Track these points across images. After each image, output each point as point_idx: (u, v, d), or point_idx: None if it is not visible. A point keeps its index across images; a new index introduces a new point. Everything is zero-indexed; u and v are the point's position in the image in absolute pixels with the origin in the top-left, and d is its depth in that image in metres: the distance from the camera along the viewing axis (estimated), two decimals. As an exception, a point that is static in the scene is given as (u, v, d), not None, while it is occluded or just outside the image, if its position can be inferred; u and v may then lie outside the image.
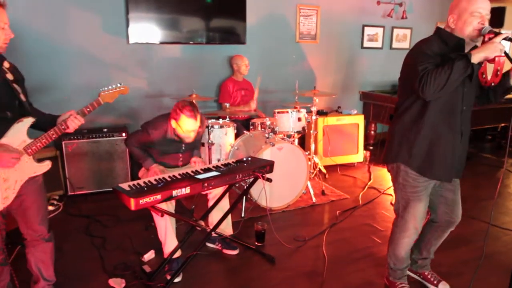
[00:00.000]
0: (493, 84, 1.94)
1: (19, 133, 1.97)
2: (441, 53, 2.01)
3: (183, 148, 2.99)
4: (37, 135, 2.03)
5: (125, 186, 2.26)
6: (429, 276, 2.55)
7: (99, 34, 4.20)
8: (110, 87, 2.20)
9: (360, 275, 2.70)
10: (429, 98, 1.97)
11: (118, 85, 2.23)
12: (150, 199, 2.16)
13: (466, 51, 2.02)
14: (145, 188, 2.23)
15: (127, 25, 4.26)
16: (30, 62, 3.89)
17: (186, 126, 2.70)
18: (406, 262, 2.43)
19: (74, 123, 2.05)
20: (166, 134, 2.83)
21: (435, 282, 2.51)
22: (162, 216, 2.28)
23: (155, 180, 2.36)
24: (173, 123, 2.75)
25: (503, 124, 6.30)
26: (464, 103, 2.08)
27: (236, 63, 4.62)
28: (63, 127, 2.03)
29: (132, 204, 2.10)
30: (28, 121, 1.99)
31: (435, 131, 2.09)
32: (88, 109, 2.13)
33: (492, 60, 1.87)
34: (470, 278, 2.60)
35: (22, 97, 2.02)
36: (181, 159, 3.05)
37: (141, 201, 2.12)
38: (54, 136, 2.01)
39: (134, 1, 4.21)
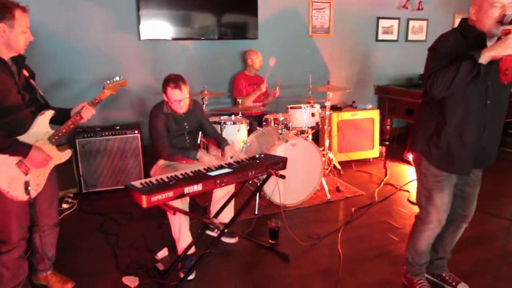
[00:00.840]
0: (506, 82, 1.84)
1: (42, 124, 2.18)
2: (458, 48, 1.92)
3: (186, 127, 3.02)
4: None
5: (137, 183, 2.24)
6: (447, 278, 2.46)
7: (111, 31, 4.20)
8: (112, 80, 2.44)
9: (376, 273, 2.63)
10: (436, 96, 1.95)
11: (118, 78, 2.46)
12: (162, 196, 2.14)
13: (488, 44, 1.93)
14: (157, 186, 2.21)
15: (138, 22, 4.24)
16: (45, 60, 3.92)
17: (173, 96, 2.84)
18: (425, 258, 2.36)
19: (87, 113, 2.25)
20: (163, 111, 2.94)
21: (454, 284, 2.43)
22: (174, 214, 2.26)
23: (167, 177, 2.34)
24: (164, 97, 2.91)
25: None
26: (489, 97, 1.98)
27: (251, 57, 4.57)
28: (78, 117, 2.23)
29: (144, 201, 2.08)
30: (50, 113, 2.21)
31: (455, 126, 2.02)
32: (96, 101, 2.32)
33: (504, 59, 1.77)
34: (491, 278, 2.52)
35: (40, 92, 2.24)
36: (188, 141, 3.05)
37: (152, 198, 2.10)
38: (72, 126, 2.23)
39: (145, -2, 4.20)
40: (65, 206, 3.64)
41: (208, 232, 3.04)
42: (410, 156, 2.30)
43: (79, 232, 3.21)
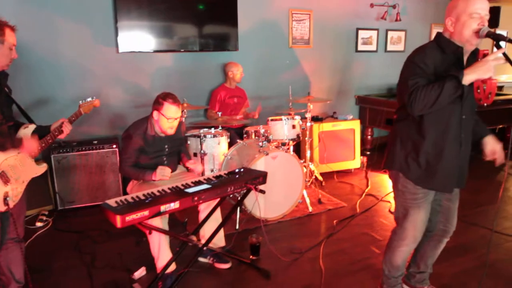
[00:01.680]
0: (485, 104, 1.85)
1: (24, 137, 2.25)
2: (437, 63, 1.92)
3: (167, 149, 2.94)
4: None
5: (111, 202, 2.16)
6: (428, 292, 2.45)
7: (88, 44, 4.12)
8: (86, 99, 2.54)
9: (358, 287, 2.60)
10: (416, 114, 1.92)
11: (91, 98, 2.55)
12: (137, 215, 2.07)
13: (465, 57, 1.95)
14: (132, 204, 2.14)
15: (116, 34, 4.18)
16: (21, 75, 3.81)
17: (170, 113, 2.72)
18: (401, 270, 2.35)
19: (67, 128, 2.37)
20: (146, 132, 2.82)
21: (435, 297, 2.42)
22: (150, 233, 2.18)
23: (143, 195, 2.27)
24: (155, 114, 2.77)
25: (500, 126, 6.24)
26: (464, 112, 1.99)
27: (231, 70, 4.54)
28: (56, 133, 2.34)
29: (118, 221, 2.01)
30: (32, 127, 2.32)
31: (434, 142, 2.01)
32: (73, 118, 2.43)
33: (483, 82, 1.77)
34: (472, 289, 2.52)
35: (21, 107, 2.38)
36: (165, 162, 2.96)
37: (127, 218, 2.03)
38: (50, 140, 2.33)
39: (122, 10, 4.13)
40: (39, 224, 3.52)
41: (200, 258, 2.93)
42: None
43: (53, 251, 3.09)
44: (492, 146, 2.12)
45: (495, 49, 1.82)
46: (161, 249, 2.60)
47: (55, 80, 4.03)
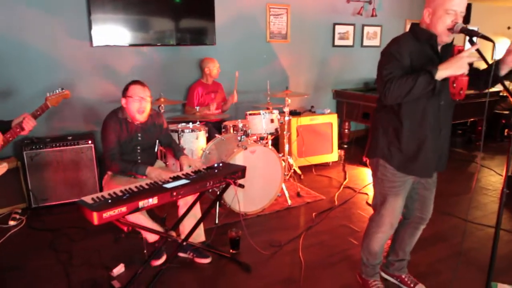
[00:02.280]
0: (458, 100, 1.90)
1: None
2: (411, 52, 1.96)
3: (139, 138, 2.88)
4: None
5: (88, 199, 2.13)
6: (406, 279, 2.52)
7: (60, 37, 4.01)
8: (54, 91, 2.42)
9: (337, 279, 2.64)
10: (389, 103, 1.99)
11: (60, 90, 2.44)
12: (114, 212, 2.04)
13: (440, 46, 1.99)
14: (109, 201, 2.10)
15: (90, 27, 4.08)
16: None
17: (134, 92, 2.73)
18: (379, 258, 2.41)
19: (28, 124, 2.25)
20: (118, 116, 2.81)
21: (412, 285, 2.48)
22: (127, 231, 2.16)
23: (121, 191, 2.24)
24: (123, 101, 2.79)
25: (472, 119, 6.44)
26: (443, 98, 2.04)
27: (207, 66, 4.50)
28: (18, 129, 2.23)
29: (95, 218, 1.98)
30: None
31: (414, 129, 2.06)
32: (38, 112, 2.32)
33: (455, 78, 1.82)
34: (447, 277, 2.60)
35: None
36: (139, 152, 2.92)
37: (104, 214, 2.00)
38: (10, 138, 2.22)
39: (96, 2, 4.03)
40: (12, 223, 3.42)
41: (180, 253, 2.90)
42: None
43: (27, 250, 3.01)
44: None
45: (468, 44, 1.87)
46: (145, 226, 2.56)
47: (21, 73, 3.89)
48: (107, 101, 4.25)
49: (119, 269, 2.72)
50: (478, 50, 1.81)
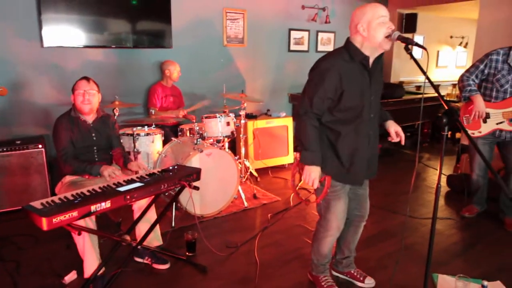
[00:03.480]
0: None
1: None
2: (342, 73, 2.07)
3: (94, 137, 2.90)
4: None
5: (36, 204, 2.06)
6: (355, 274, 2.65)
7: (9, 36, 3.84)
8: None
9: (292, 276, 2.73)
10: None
11: None
12: (65, 216, 2.00)
13: (371, 61, 2.13)
14: (60, 205, 2.06)
15: (40, 28, 3.95)
16: None
17: (79, 86, 2.82)
18: (328, 258, 2.53)
19: None
20: (70, 114, 2.87)
21: (361, 279, 2.62)
22: (79, 234, 2.12)
23: (72, 195, 2.20)
24: (72, 98, 2.87)
25: (419, 122, 6.80)
26: (372, 111, 2.21)
27: (168, 68, 4.48)
28: None
29: (44, 223, 1.92)
30: None
31: (347, 141, 2.18)
32: None
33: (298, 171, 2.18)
34: (393, 270, 2.75)
35: None
36: (96, 154, 2.91)
37: (54, 219, 1.95)
38: None
39: (48, 1, 3.90)
40: (-46, 232, 3.24)
41: (137, 258, 2.88)
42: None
43: (-29, 260, 2.88)
44: (395, 128, 2.34)
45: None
46: (86, 252, 2.53)
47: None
48: (59, 103, 4.12)
49: (71, 276, 2.65)
50: (414, 59, 1.96)
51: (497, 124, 3.32)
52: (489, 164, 1.93)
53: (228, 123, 3.95)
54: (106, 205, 2.15)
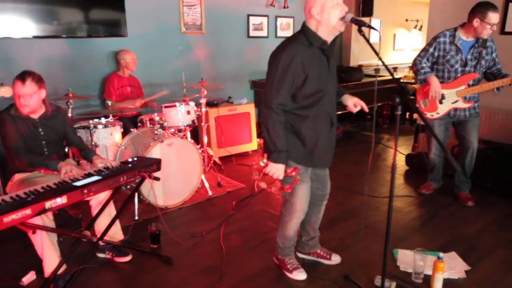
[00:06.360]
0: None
1: None
2: (303, 59, 2.07)
3: (42, 133, 2.74)
4: None
5: (-14, 204, 1.97)
6: (321, 253, 2.71)
7: None
8: None
9: (258, 262, 2.75)
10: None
11: None
12: (17, 215, 1.92)
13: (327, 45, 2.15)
14: (12, 204, 1.97)
15: (-18, 18, 3.71)
16: None
17: (15, 90, 2.60)
18: (293, 240, 2.58)
19: None
20: (11, 111, 2.68)
21: (328, 257, 2.69)
22: (34, 233, 2.04)
23: (25, 193, 2.10)
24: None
25: (379, 104, 6.98)
26: (332, 93, 2.26)
27: (123, 58, 4.33)
28: None
29: (-5, 224, 1.84)
30: None
31: (311, 126, 2.20)
32: None
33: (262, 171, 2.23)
34: (355, 248, 2.83)
35: None
36: (46, 150, 2.77)
37: (5, 219, 1.87)
38: None
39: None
40: None
41: (98, 254, 2.81)
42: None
43: None
44: (352, 100, 2.38)
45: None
46: (45, 251, 2.43)
47: None
48: (6, 99, 3.89)
49: (29, 277, 2.55)
50: (384, 65, 1.98)
51: (452, 103, 3.45)
52: (442, 144, 2.06)
53: (188, 112, 3.89)
54: (62, 200, 2.08)
